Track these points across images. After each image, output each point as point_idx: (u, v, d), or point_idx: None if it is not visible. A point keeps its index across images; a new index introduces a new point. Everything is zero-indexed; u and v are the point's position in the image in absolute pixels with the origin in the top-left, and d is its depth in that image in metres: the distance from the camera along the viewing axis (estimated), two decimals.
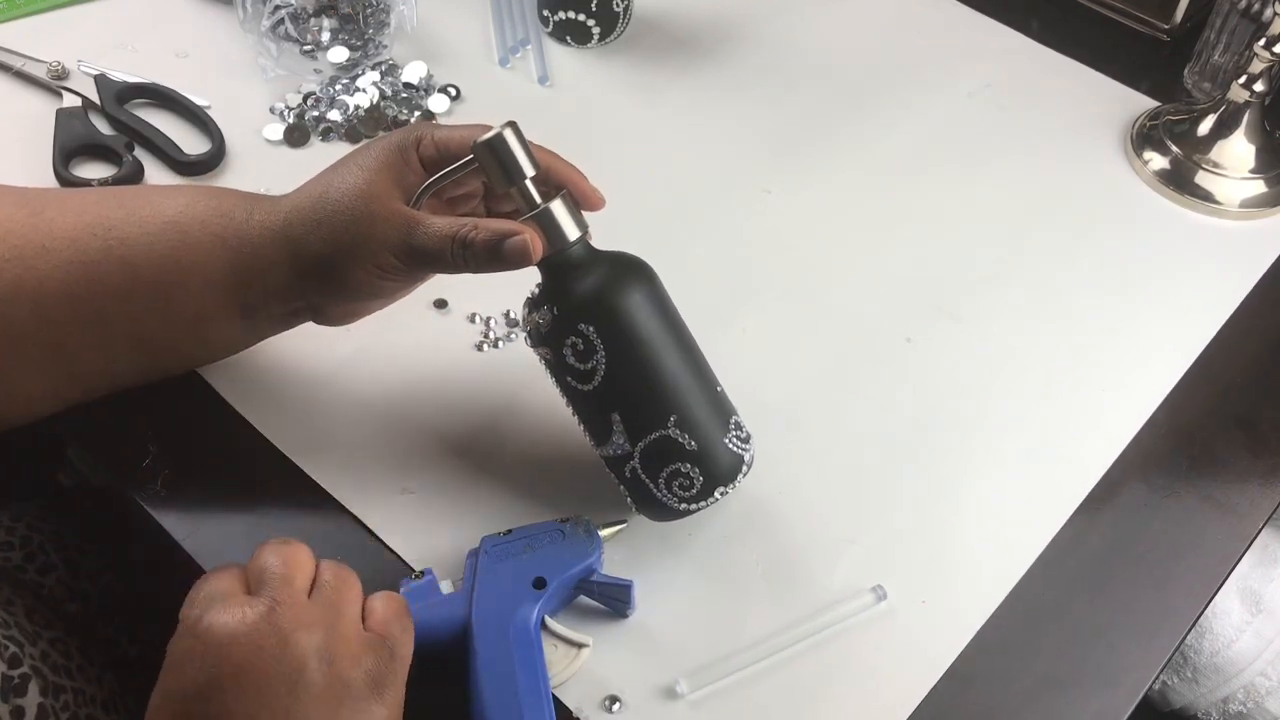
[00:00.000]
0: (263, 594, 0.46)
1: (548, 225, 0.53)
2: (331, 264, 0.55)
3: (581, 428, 0.56)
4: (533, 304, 0.55)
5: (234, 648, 0.44)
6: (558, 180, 0.55)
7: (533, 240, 0.52)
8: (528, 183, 0.53)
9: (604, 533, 0.56)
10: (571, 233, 0.53)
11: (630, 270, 0.55)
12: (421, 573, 0.54)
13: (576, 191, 0.55)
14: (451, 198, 0.59)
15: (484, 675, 0.50)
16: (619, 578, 0.55)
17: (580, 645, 0.54)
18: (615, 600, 0.56)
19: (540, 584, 0.53)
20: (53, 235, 0.56)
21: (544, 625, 0.53)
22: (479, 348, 0.67)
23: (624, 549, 0.58)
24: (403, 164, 0.55)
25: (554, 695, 0.53)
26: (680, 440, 0.54)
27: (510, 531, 0.55)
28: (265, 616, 0.45)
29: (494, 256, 0.52)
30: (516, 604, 0.52)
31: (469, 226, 0.53)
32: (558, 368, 0.55)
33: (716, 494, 0.55)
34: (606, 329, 0.53)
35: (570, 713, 0.53)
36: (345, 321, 0.61)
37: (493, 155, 0.53)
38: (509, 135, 0.52)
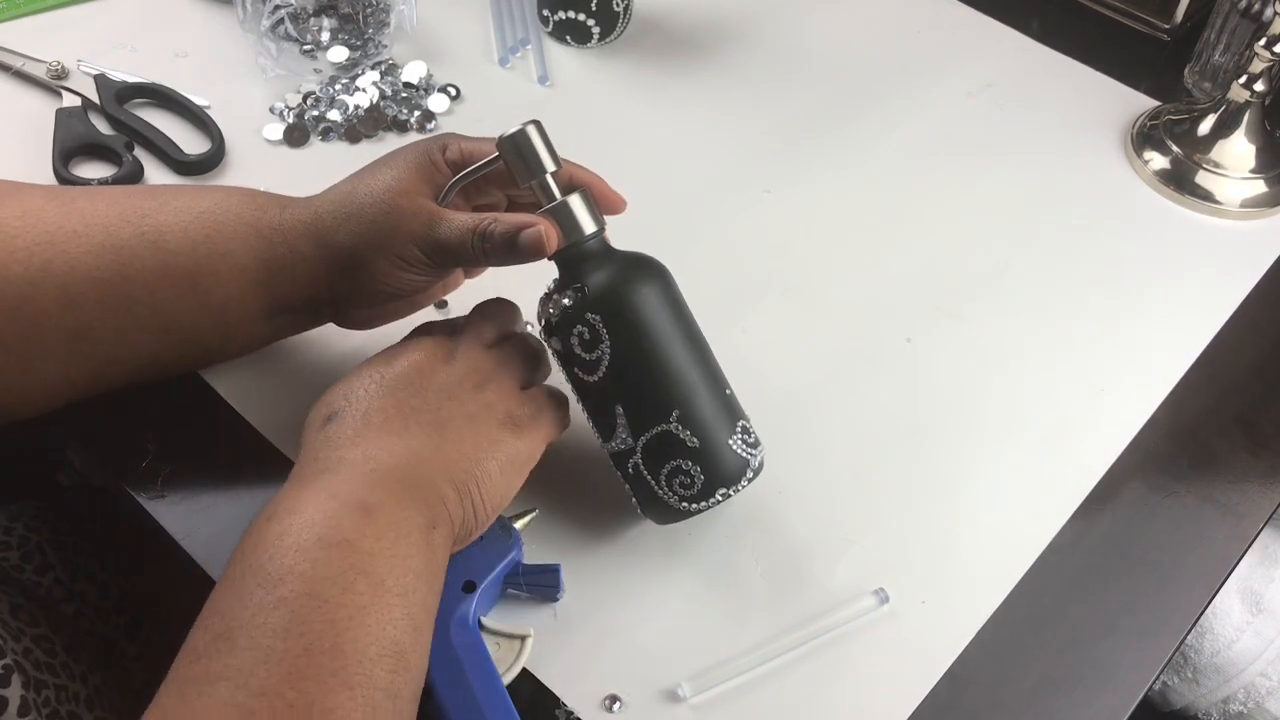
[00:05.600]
0: (452, 324, 0.58)
1: (564, 218, 0.55)
2: (358, 256, 0.56)
3: (589, 423, 0.56)
4: (546, 296, 0.57)
5: (417, 349, 0.55)
6: (579, 184, 0.57)
7: (548, 232, 0.54)
8: (548, 177, 0.55)
9: (518, 525, 0.57)
10: (588, 226, 0.55)
11: (643, 267, 0.56)
12: None
13: (597, 193, 0.57)
14: (477, 205, 0.60)
15: (439, 690, 0.50)
16: (544, 564, 0.56)
17: (522, 637, 0.54)
18: (544, 587, 0.56)
19: (470, 587, 0.53)
20: (84, 221, 0.57)
21: (481, 626, 0.53)
22: None
23: (623, 550, 0.58)
24: (431, 165, 0.57)
25: (554, 694, 0.53)
26: (682, 436, 0.54)
27: None
28: (447, 338, 0.56)
29: (510, 248, 0.54)
30: (450, 612, 0.52)
31: (489, 220, 0.55)
32: (566, 359, 0.56)
33: (718, 495, 0.55)
34: (613, 319, 0.54)
35: (551, 710, 0.53)
36: (366, 325, 0.61)
37: (515, 149, 0.55)
38: (531, 131, 0.55)
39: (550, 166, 0.55)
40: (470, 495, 0.52)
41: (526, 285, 0.59)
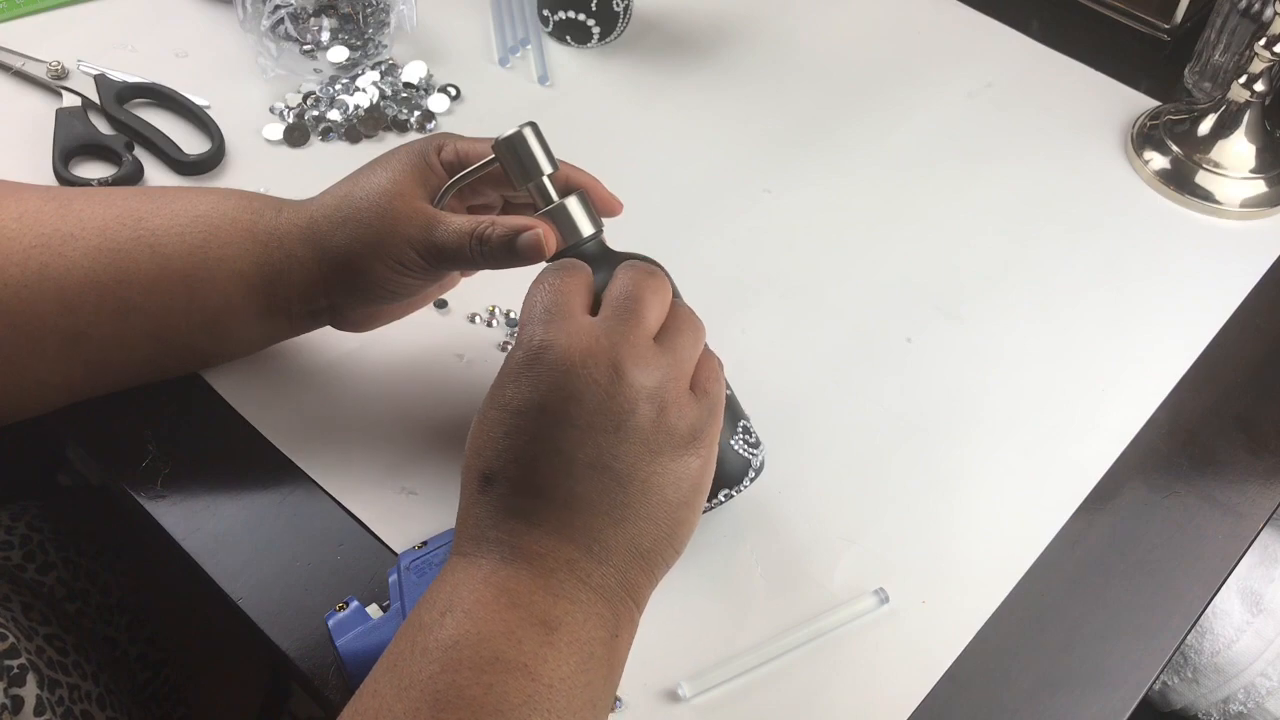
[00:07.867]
0: (608, 323, 0.47)
1: (561, 221, 0.54)
2: (354, 260, 0.56)
3: None
4: None
5: (569, 376, 0.45)
6: (575, 186, 0.56)
7: (546, 235, 0.54)
8: (545, 179, 0.55)
9: None
10: (585, 229, 0.54)
11: None
12: (345, 603, 0.53)
13: (594, 196, 0.56)
14: (472, 206, 0.60)
15: None
16: None
17: None
18: None
19: None
20: (82, 224, 0.57)
21: None
22: (480, 348, 0.67)
23: None
24: (426, 167, 0.57)
25: None
26: None
27: (425, 543, 0.55)
28: (606, 350, 0.46)
29: (509, 251, 0.54)
30: None
31: (486, 223, 0.54)
32: None
33: (721, 496, 0.55)
34: None
35: None
36: (363, 328, 0.61)
37: (512, 152, 0.54)
38: (528, 133, 0.54)
39: (547, 169, 0.55)
40: (660, 565, 0.48)
41: (523, 287, 0.59)
